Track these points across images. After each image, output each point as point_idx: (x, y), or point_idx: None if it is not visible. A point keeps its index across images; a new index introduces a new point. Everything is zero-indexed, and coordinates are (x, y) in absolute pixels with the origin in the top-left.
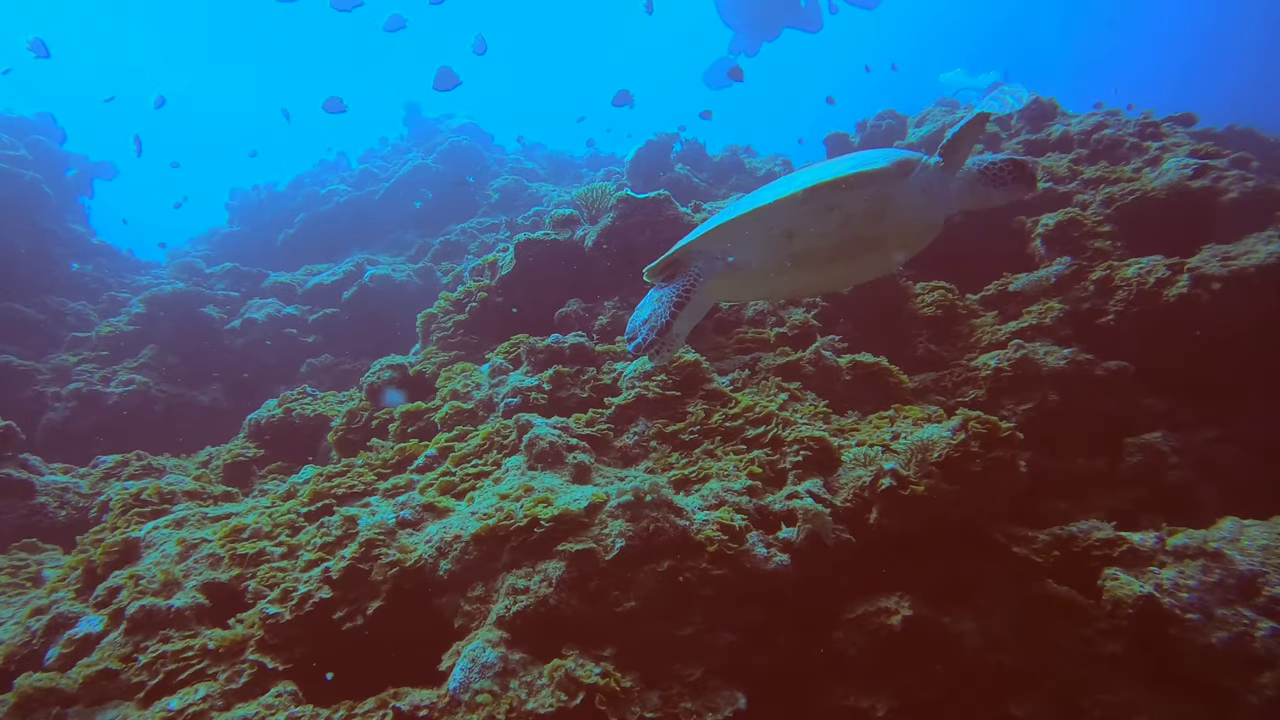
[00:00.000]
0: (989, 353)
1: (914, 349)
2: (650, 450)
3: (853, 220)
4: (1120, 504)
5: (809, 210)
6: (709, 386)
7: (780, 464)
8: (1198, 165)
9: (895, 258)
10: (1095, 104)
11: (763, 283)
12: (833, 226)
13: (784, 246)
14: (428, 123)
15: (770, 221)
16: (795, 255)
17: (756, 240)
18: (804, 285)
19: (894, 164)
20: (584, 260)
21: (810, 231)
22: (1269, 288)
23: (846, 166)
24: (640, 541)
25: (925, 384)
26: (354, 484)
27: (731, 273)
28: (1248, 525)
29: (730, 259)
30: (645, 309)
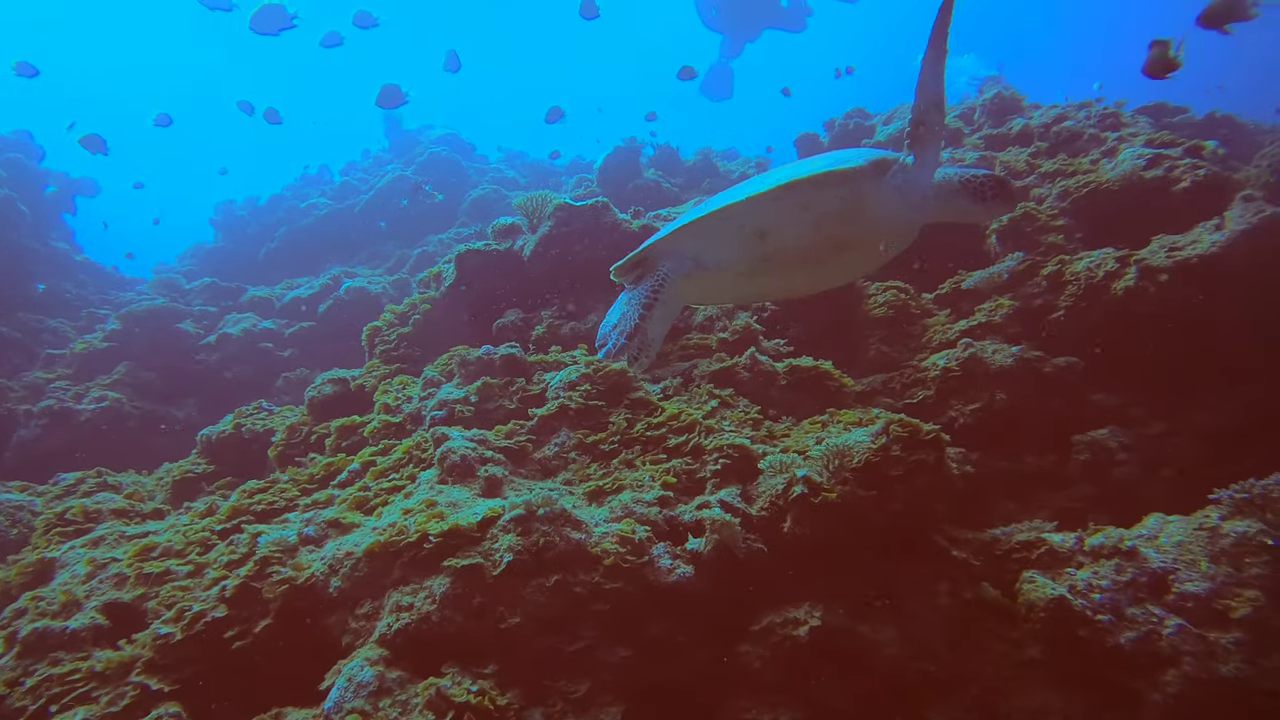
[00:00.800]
0: (939, 353)
1: (866, 351)
2: (569, 461)
3: (826, 220)
4: (1069, 503)
5: (782, 209)
6: (635, 395)
7: (700, 473)
8: (1151, 155)
9: (869, 262)
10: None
11: (733, 285)
12: (806, 226)
13: (755, 246)
14: (408, 134)
15: (742, 219)
16: (767, 256)
17: (727, 239)
18: (776, 288)
19: (869, 163)
20: (524, 270)
21: (783, 231)
22: (1214, 277)
23: (821, 165)
24: (529, 556)
25: (874, 386)
26: (275, 500)
27: (700, 273)
28: (1170, 521)
29: (699, 258)
30: (615, 313)
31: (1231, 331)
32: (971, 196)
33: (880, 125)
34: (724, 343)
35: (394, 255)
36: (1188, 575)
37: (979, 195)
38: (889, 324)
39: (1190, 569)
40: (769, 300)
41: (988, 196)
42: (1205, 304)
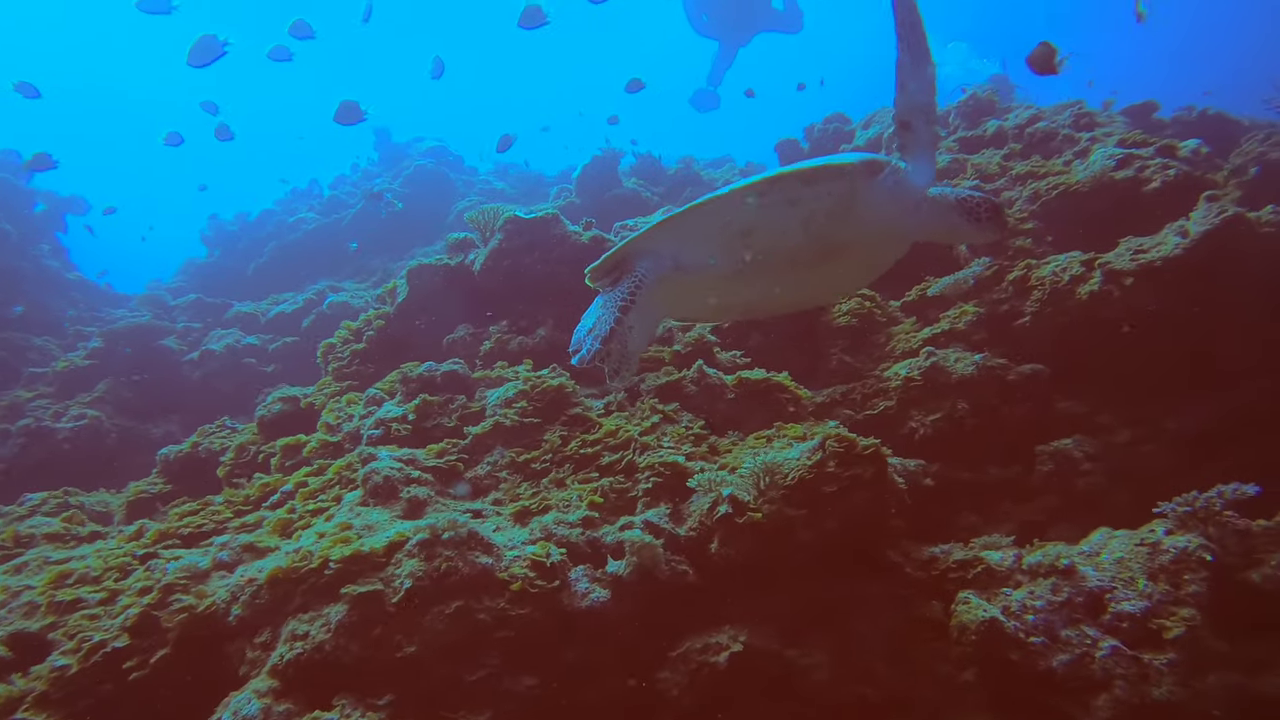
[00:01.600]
0: (901, 362)
1: (828, 361)
2: (500, 481)
3: (814, 220)
4: (1033, 515)
5: (769, 204)
6: (572, 412)
7: (631, 492)
8: (1122, 155)
9: (857, 275)
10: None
11: (714, 293)
12: (794, 226)
13: (739, 247)
14: (397, 147)
15: (725, 215)
16: (752, 259)
17: (709, 237)
18: (760, 299)
19: (861, 162)
20: (475, 284)
21: (768, 230)
22: (1178, 280)
23: (812, 161)
24: (430, 582)
25: (834, 398)
26: (204, 523)
27: (680, 277)
28: (1115, 536)
29: (680, 259)
30: (590, 317)
31: (1199, 334)
32: (966, 215)
33: (859, 130)
34: (677, 355)
35: (380, 269)
36: (1125, 594)
37: (974, 215)
38: (853, 333)
39: (1128, 587)
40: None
41: (982, 218)
42: (1171, 307)
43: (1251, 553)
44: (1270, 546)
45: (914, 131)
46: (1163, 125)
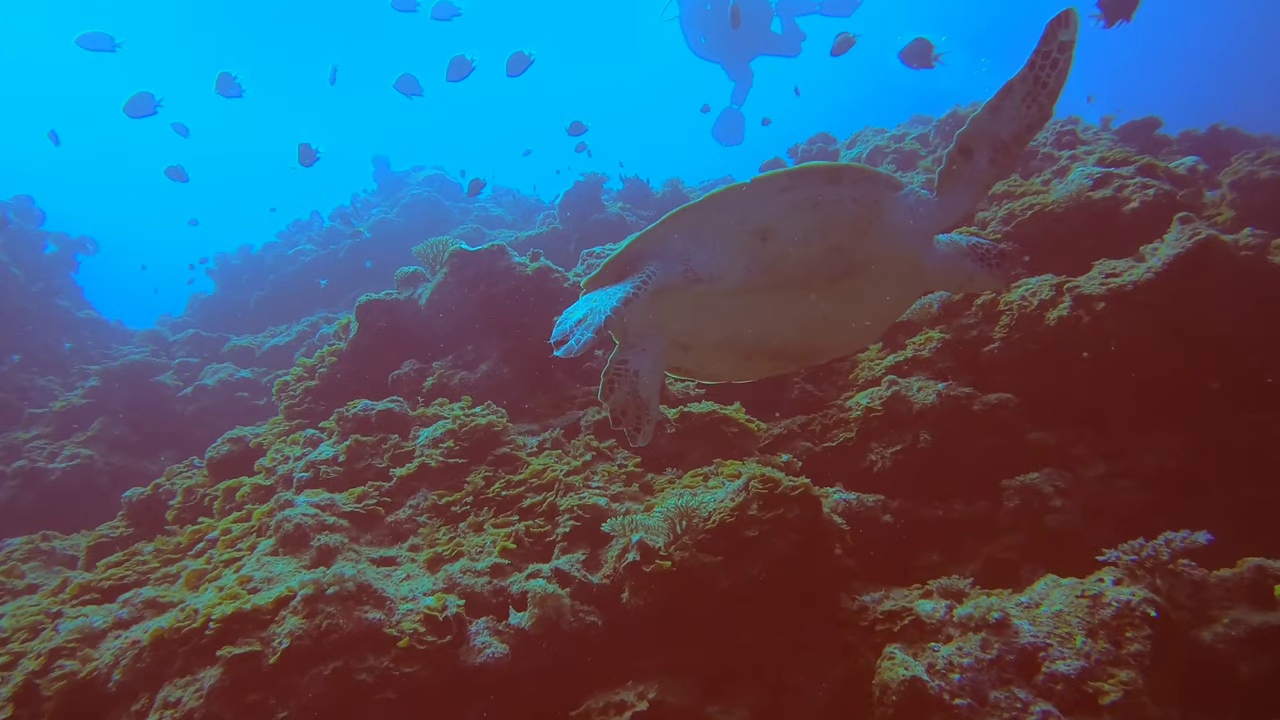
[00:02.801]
0: (864, 391)
1: (790, 390)
2: (420, 525)
3: (835, 227)
4: (1000, 552)
5: (791, 201)
6: (500, 451)
7: (550, 536)
8: (1101, 174)
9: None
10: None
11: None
12: (814, 230)
13: (755, 252)
14: (396, 176)
15: (744, 211)
16: (767, 266)
17: (725, 236)
18: (768, 331)
19: (884, 173)
20: (422, 319)
21: (788, 231)
22: (1151, 305)
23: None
24: (310, 641)
25: (791, 429)
26: (128, 574)
27: (688, 288)
28: (1060, 585)
29: (691, 261)
30: (579, 308)
31: (1178, 363)
32: (980, 261)
33: (844, 149)
34: None
35: None
36: (1060, 652)
37: (987, 261)
38: None
39: (1064, 645)
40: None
41: (993, 263)
42: (1145, 334)
43: (1205, 608)
44: (1226, 601)
45: (973, 162)
46: (1167, 142)
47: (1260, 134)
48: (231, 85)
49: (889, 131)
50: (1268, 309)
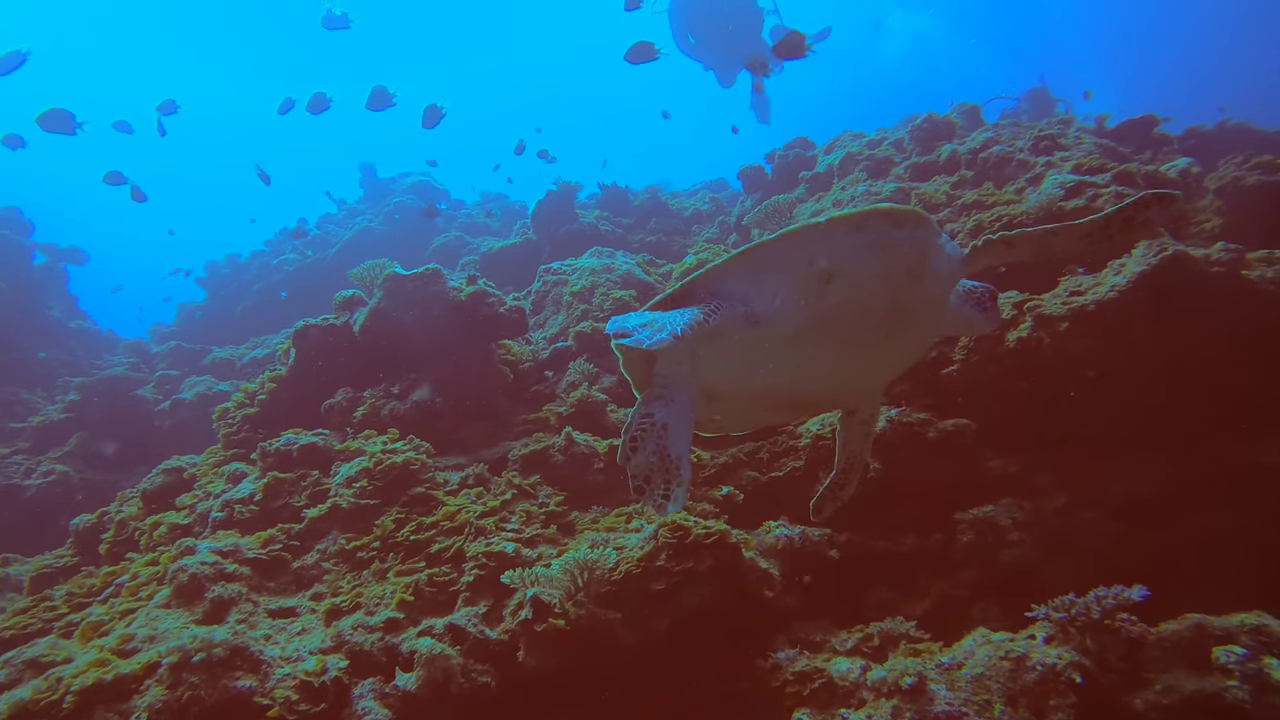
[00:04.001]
0: (818, 415)
1: None
2: (326, 572)
3: (895, 273)
4: (953, 589)
5: (860, 243)
6: (415, 491)
7: (454, 585)
8: (1074, 183)
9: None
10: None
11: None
12: (876, 274)
13: (817, 295)
14: (382, 183)
15: (816, 250)
16: (825, 312)
17: (792, 276)
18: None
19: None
20: (357, 345)
21: (853, 275)
22: (1115, 325)
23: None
24: (170, 715)
25: (738, 458)
26: (31, 622)
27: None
28: (989, 641)
29: (752, 302)
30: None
31: (1146, 386)
32: (976, 305)
33: (821, 155)
34: (561, 417)
35: None
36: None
37: (982, 304)
38: None
39: (981, 714)
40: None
41: (987, 306)
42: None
43: (1139, 669)
44: (1162, 663)
45: (1013, 251)
46: (1167, 141)
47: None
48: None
49: (867, 136)
50: (1241, 327)
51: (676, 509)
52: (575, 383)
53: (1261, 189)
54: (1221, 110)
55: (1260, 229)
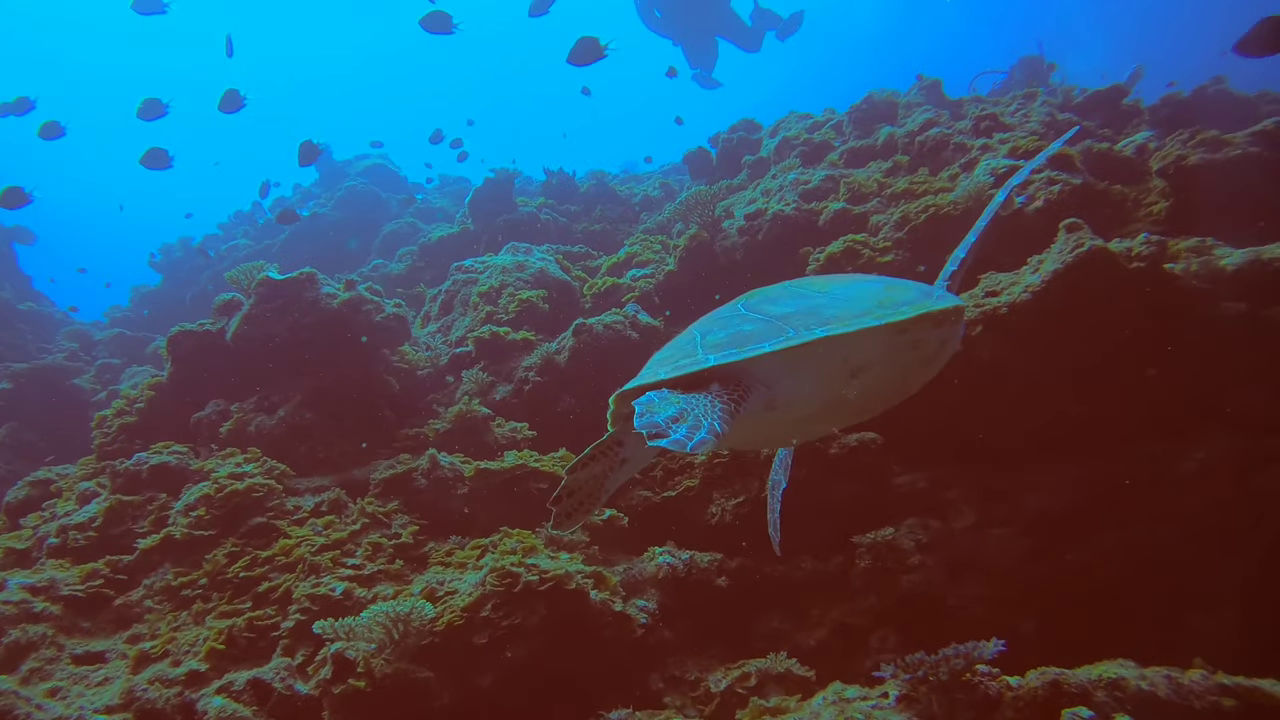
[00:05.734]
0: None
1: None
2: (149, 611)
3: (916, 361)
4: (850, 617)
5: (900, 343)
6: (256, 521)
7: (276, 630)
8: (1006, 169)
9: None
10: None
11: (767, 432)
12: (899, 366)
13: (840, 385)
14: (338, 165)
15: (850, 350)
16: (840, 397)
17: (825, 371)
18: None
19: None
20: (230, 353)
21: (879, 369)
22: (1031, 328)
23: (937, 299)
24: None
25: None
26: None
27: (757, 413)
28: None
29: (775, 389)
30: (669, 405)
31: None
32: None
33: (766, 138)
34: (439, 435)
35: None
36: None
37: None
38: None
39: None
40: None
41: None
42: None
43: None
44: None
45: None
46: (1136, 112)
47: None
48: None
49: (813, 117)
50: (1162, 326)
51: (567, 531)
52: (470, 393)
53: (1206, 168)
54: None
55: (1208, 211)
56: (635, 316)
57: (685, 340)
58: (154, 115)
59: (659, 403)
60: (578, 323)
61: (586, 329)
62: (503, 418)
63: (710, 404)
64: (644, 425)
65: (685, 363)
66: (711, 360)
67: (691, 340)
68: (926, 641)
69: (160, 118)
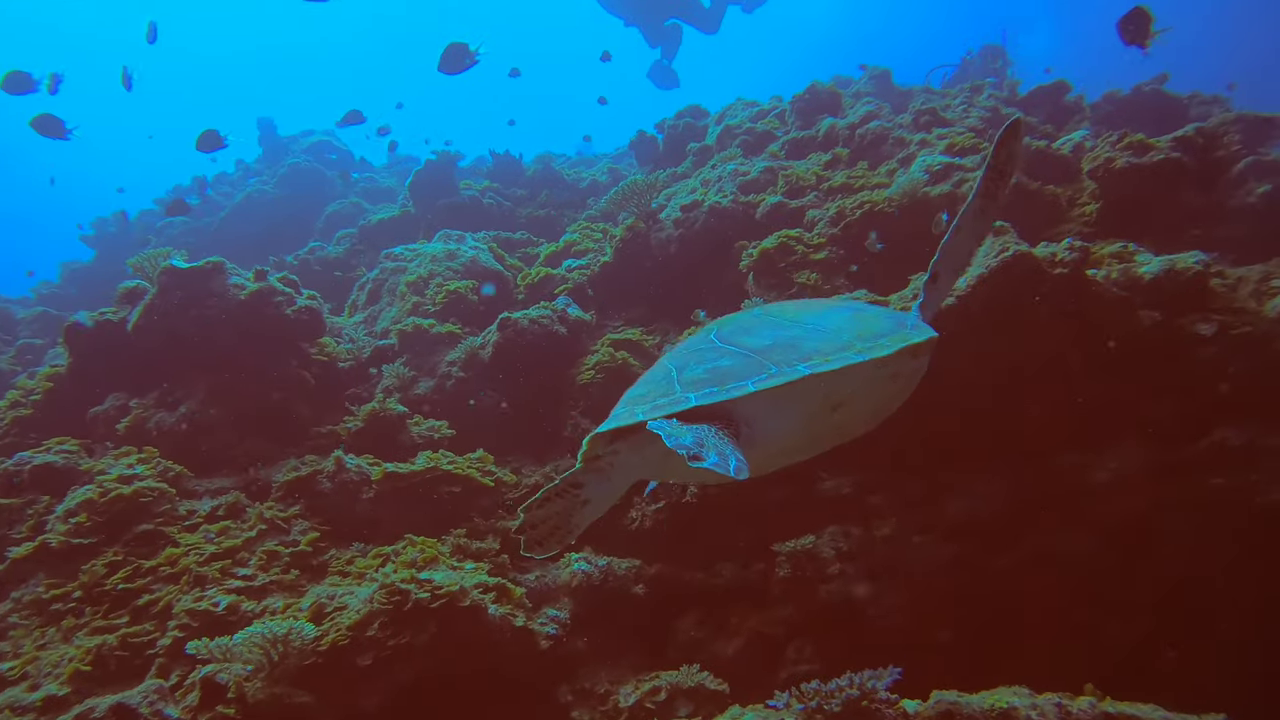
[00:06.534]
0: None
1: (563, 427)
2: (13, 627)
3: (893, 391)
4: (767, 627)
5: (881, 375)
6: (142, 528)
7: (153, 647)
8: (941, 166)
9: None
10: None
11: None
12: (878, 397)
13: (818, 419)
14: (282, 141)
15: (840, 383)
16: (816, 430)
17: (807, 406)
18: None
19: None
20: (132, 345)
21: (861, 399)
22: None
23: (912, 328)
24: None
25: (548, 478)
26: None
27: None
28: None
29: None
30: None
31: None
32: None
33: (712, 125)
34: (351, 434)
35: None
36: None
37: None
38: (599, 391)
39: None
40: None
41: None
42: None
43: None
44: None
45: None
46: (1078, 109)
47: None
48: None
49: (759, 105)
50: (1085, 333)
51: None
52: (390, 388)
53: (1132, 172)
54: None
55: (1135, 215)
56: (564, 311)
57: (660, 376)
58: (21, 90)
59: (675, 430)
60: (503, 317)
61: (512, 324)
62: (422, 415)
63: (718, 435)
64: (680, 447)
65: (663, 402)
66: (693, 400)
67: (667, 376)
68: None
69: (29, 93)
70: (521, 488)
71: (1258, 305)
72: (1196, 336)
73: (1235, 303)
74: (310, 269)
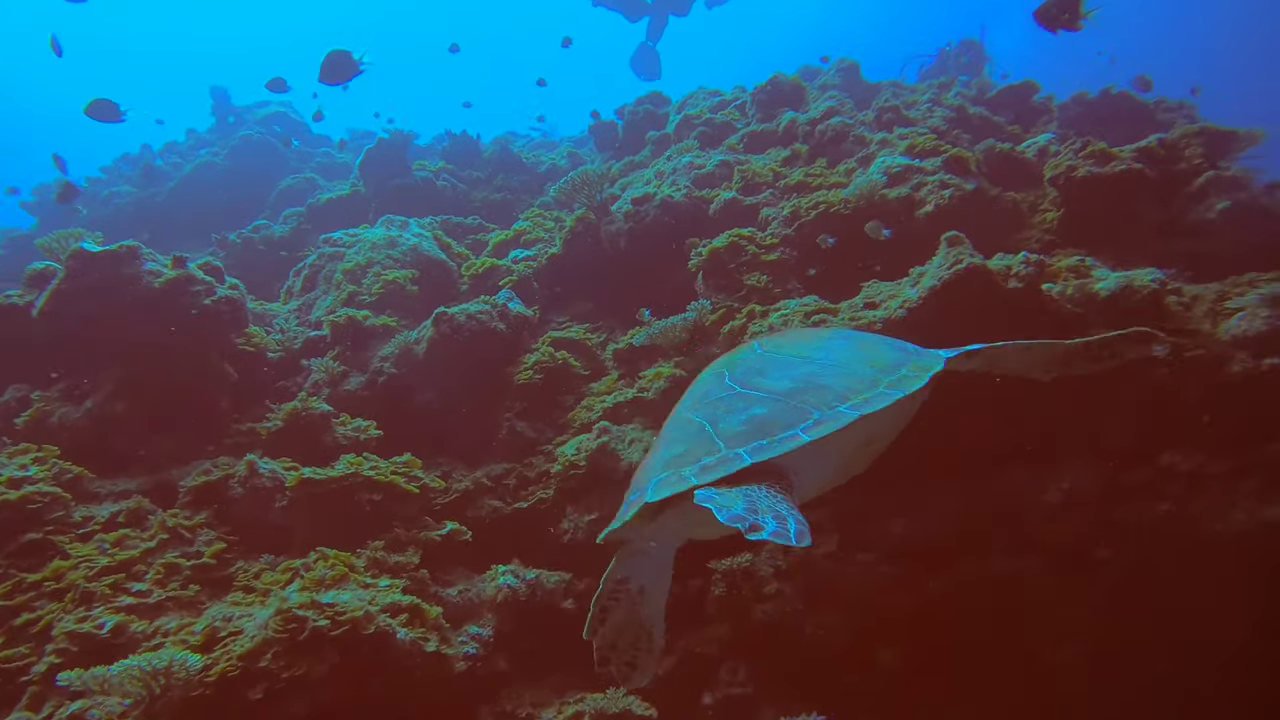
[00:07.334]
0: (577, 437)
1: (498, 429)
2: None
3: (909, 416)
4: (701, 646)
5: (909, 407)
6: (30, 537)
7: (27, 674)
8: (900, 168)
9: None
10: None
11: None
12: (900, 425)
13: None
14: (237, 111)
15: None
16: (845, 467)
17: (842, 449)
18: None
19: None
20: (36, 332)
21: (888, 433)
22: None
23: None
24: None
25: (481, 484)
26: None
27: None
28: None
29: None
30: (738, 499)
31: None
32: None
33: (673, 113)
34: (270, 434)
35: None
36: None
37: None
38: (538, 392)
39: None
40: None
41: None
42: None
43: None
44: None
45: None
46: (1045, 110)
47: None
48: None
49: (722, 95)
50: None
51: (644, 681)
52: (318, 383)
53: (1094, 182)
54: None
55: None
56: (505, 306)
57: (690, 432)
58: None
59: (725, 499)
60: (439, 311)
61: (448, 318)
62: (350, 414)
63: (770, 494)
64: (734, 520)
65: (710, 461)
66: (746, 459)
67: (701, 431)
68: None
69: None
70: (451, 493)
71: (1211, 327)
72: (1150, 357)
73: (1190, 323)
74: (254, 248)
